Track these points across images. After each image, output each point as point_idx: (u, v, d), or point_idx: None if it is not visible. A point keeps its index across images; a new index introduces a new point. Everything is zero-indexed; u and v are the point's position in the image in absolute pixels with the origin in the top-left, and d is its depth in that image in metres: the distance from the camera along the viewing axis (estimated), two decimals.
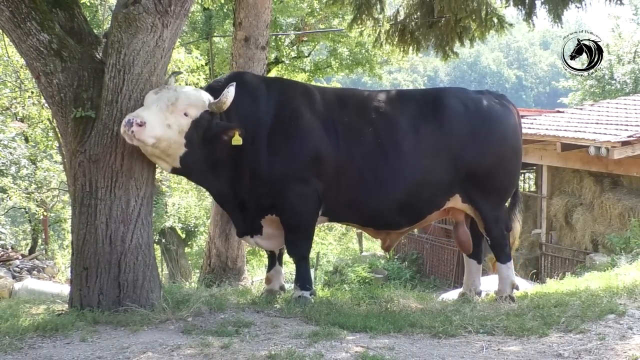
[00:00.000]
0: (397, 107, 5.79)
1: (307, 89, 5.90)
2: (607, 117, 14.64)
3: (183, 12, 5.06)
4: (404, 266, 17.75)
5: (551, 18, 9.48)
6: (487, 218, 5.94)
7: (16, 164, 15.86)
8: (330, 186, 5.55)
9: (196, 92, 5.22)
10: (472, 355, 4.25)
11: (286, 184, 5.41)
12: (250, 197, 5.48)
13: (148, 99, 4.93)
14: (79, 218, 4.95)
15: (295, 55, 24.18)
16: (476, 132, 5.79)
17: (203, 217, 21.54)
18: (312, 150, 5.45)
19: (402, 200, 5.67)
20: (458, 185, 5.81)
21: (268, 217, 5.61)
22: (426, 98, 5.94)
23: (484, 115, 5.89)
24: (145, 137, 4.74)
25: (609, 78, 28.83)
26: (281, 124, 5.45)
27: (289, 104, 5.55)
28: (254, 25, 7.98)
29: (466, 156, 5.74)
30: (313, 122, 5.53)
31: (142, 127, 4.70)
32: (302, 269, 5.71)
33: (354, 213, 5.80)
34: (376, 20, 10.40)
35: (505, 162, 5.96)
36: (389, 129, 5.64)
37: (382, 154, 5.59)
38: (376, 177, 5.59)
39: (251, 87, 5.56)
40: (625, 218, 12.51)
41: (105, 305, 4.87)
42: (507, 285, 6.03)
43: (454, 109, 5.80)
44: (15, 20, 4.81)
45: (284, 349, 4.10)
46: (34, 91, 14.11)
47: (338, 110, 5.69)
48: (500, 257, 6.10)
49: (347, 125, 5.61)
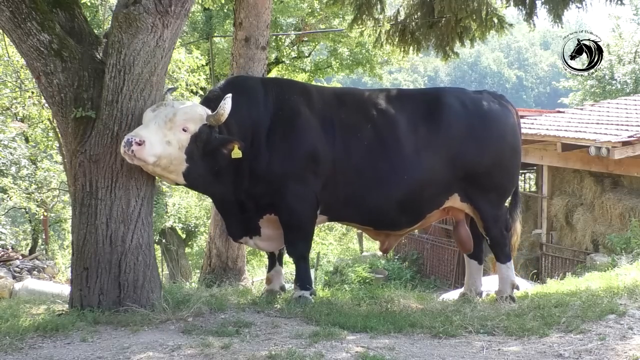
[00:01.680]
0: (396, 107, 5.79)
1: (305, 88, 5.91)
2: (608, 117, 14.63)
3: (183, 12, 5.06)
4: (405, 266, 17.74)
5: (551, 18, 9.48)
6: (486, 217, 5.95)
7: (16, 164, 15.87)
8: (328, 185, 5.56)
9: (193, 106, 5.21)
10: (473, 356, 4.25)
11: (284, 183, 5.42)
12: (249, 197, 5.49)
13: (146, 117, 4.93)
14: (80, 218, 4.95)
15: (296, 56, 24.19)
16: (475, 131, 5.80)
17: (203, 217, 21.55)
18: (310, 149, 5.47)
19: (401, 199, 5.68)
20: (457, 185, 5.82)
21: (266, 217, 5.62)
22: (425, 97, 5.95)
23: (483, 114, 5.91)
24: (145, 155, 4.74)
25: (609, 78, 28.82)
26: (279, 123, 5.46)
27: (287, 103, 5.56)
28: (255, 25, 7.97)
29: (465, 155, 5.75)
30: (311, 121, 5.54)
31: (142, 145, 4.70)
32: (302, 268, 5.72)
33: (354, 212, 5.80)
34: (376, 20, 10.40)
35: (504, 161, 5.97)
36: (388, 128, 5.65)
37: (382, 152, 5.60)
38: (375, 175, 5.60)
39: (247, 90, 5.55)
40: (626, 218, 12.50)
41: (105, 305, 4.87)
42: (507, 286, 6.03)
43: (453, 109, 5.81)
44: (15, 21, 4.81)
45: (285, 349, 4.09)
46: (34, 91, 14.11)
47: (336, 109, 5.70)
48: (499, 257, 6.10)
49: (345, 124, 5.62)
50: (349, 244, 26.13)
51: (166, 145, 4.89)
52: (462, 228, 6.21)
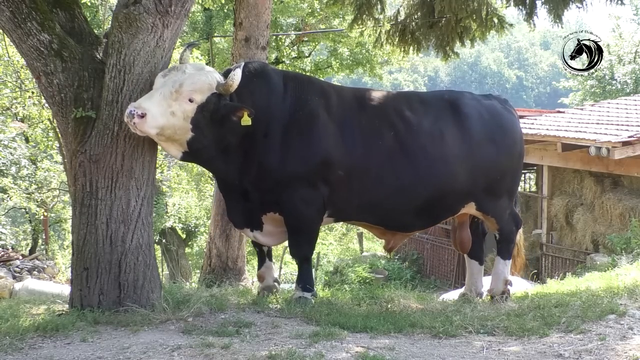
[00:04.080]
0: (418, 112, 5.72)
1: (324, 89, 5.72)
2: (608, 118, 14.63)
3: (183, 12, 5.05)
4: (405, 266, 17.74)
5: (552, 18, 9.49)
6: (499, 219, 6.05)
7: (16, 164, 15.88)
8: (341, 190, 5.48)
9: (203, 75, 5.05)
10: (473, 356, 4.25)
11: (292, 185, 5.35)
12: (254, 188, 5.41)
13: (156, 83, 4.89)
14: (80, 218, 4.95)
15: (296, 56, 24.19)
16: (494, 138, 5.87)
17: (203, 217, 21.54)
18: (323, 155, 5.37)
19: (421, 206, 5.68)
20: (475, 193, 5.85)
21: (270, 215, 5.54)
22: (444, 103, 5.90)
23: (500, 122, 5.99)
24: (147, 128, 4.71)
25: (609, 78, 28.83)
26: (296, 124, 5.38)
27: (306, 104, 5.45)
28: (255, 25, 7.97)
29: (484, 162, 5.79)
30: (328, 126, 5.43)
31: (144, 118, 4.67)
32: (305, 270, 5.70)
33: (368, 215, 5.75)
34: (377, 20, 10.40)
35: (514, 166, 6.13)
36: (410, 134, 5.59)
37: (404, 159, 5.55)
38: (396, 183, 5.54)
39: (270, 79, 5.46)
40: (626, 218, 12.50)
41: (105, 305, 4.87)
42: (500, 282, 6.10)
43: (474, 116, 5.83)
44: (15, 21, 4.80)
45: (285, 349, 4.09)
46: (34, 91, 14.12)
47: (357, 113, 5.60)
48: (503, 252, 6.17)
49: (366, 130, 5.53)
50: (349, 244, 26.13)
51: (170, 116, 4.84)
52: (465, 230, 6.25)
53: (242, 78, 5.09)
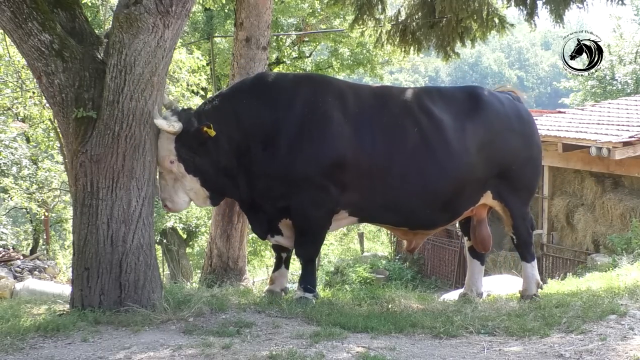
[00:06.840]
0: (439, 107, 5.72)
1: (340, 89, 5.67)
2: (609, 118, 14.63)
3: (184, 12, 5.05)
4: (405, 267, 17.73)
5: (552, 18, 9.48)
6: (515, 215, 6.03)
7: (17, 164, 15.87)
8: (364, 190, 5.49)
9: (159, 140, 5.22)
10: (473, 356, 4.25)
11: (303, 187, 5.36)
12: (265, 200, 5.50)
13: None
14: (80, 218, 4.95)
15: (297, 56, 24.18)
16: (513, 129, 5.90)
17: (204, 217, 21.54)
18: (334, 157, 5.36)
19: (445, 200, 5.68)
20: (491, 181, 5.86)
21: (284, 221, 5.61)
22: (464, 96, 5.93)
23: (518, 113, 6.03)
24: (178, 209, 5.69)
25: (610, 78, 28.81)
26: (307, 126, 5.37)
27: (318, 106, 5.45)
28: (255, 25, 7.97)
29: (502, 152, 5.81)
30: (343, 127, 5.41)
31: (172, 205, 5.53)
32: (308, 271, 5.75)
33: (392, 215, 5.73)
34: (377, 20, 10.40)
35: (534, 156, 6.10)
36: (433, 129, 5.58)
37: (428, 155, 5.54)
38: (421, 180, 5.54)
39: (263, 94, 5.50)
40: (627, 218, 12.49)
41: (106, 305, 4.87)
42: (532, 284, 6.08)
43: (494, 106, 5.87)
44: (16, 21, 4.80)
45: (285, 349, 4.09)
46: (35, 91, 14.13)
47: (377, 111, 5.58)
48: (525, 256, 6.18)
49: (387, 128, 5.52)
50: (350, 244, 26.13)
51: (181, 192, 5.48)
52: (484, 227, 6.22)
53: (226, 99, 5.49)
